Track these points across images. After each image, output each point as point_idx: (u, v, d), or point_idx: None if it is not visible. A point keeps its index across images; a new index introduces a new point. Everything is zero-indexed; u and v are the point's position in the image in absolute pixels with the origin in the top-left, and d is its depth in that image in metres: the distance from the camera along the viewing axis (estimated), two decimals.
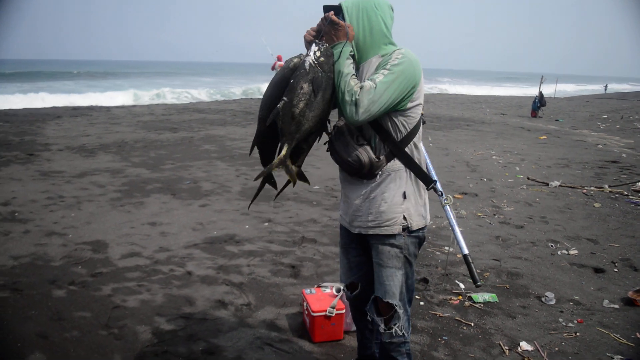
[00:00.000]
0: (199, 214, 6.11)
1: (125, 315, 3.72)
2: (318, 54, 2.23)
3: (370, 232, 2.42)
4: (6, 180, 7.46)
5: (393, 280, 2.41)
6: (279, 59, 21.66)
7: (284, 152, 2.30)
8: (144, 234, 5.41)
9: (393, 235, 2.38)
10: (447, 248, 5.17)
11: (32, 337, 3.39)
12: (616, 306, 4.05)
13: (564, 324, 3.75)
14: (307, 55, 2.24)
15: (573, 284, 4.46)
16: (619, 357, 3.29)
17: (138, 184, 7.42)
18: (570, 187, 7.97)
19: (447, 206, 2.59)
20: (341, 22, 2.28)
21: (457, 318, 3.79)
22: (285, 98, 2.21)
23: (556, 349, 3.40)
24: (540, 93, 20.18)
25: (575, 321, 3.78)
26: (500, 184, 8.06)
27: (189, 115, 16.08)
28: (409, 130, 2.34)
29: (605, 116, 20.66)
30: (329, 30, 2.28)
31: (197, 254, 4.88)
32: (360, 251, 2.63)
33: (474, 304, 3.99)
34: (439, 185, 2.55)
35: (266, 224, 5.81)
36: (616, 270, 4.80)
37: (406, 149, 2.37)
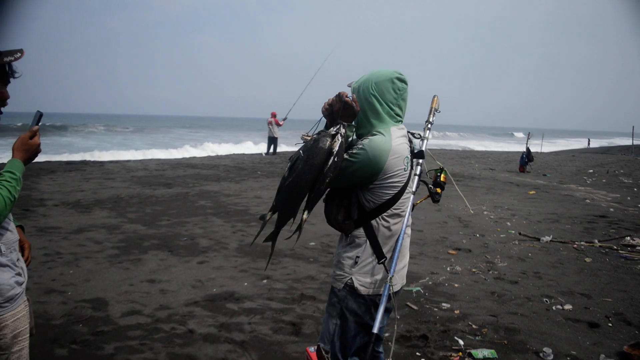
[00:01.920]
0: (198, 271, 6.16)
1: None
2: (343, 131, 2.45)
3: (330, 281, 2.71)
4: None
5: (327, 325, 2.64)
6: (273, 115, 22.25)
7: (306, 217, 2.45)
8: (143, 291, 5.44)
9: (339, 289, 2.62)
10: (444, 305, 5.25)
11: None
12: None
13: None
14: (341, 136, 2.42)
15: (569, 339, 4.54)
16: None
17: (135, 241, 7.47)
18: (561, 242, 8.12)
19: (388, 284, 2.56)
20: (350, 102, 2.49)
21: None
22: (331, 174, 2.39)
23: None
24: (528, 149, 20.61)
25: None
26: (493, 240, 8.20)
27: (183, 170, 16.24)
28: (377, 204, 2.53)
29: (591, 170, 21.07)
30: (342, 109, 2.49)
31: (198, 312, 4.91)
32: None
33: None
34: (391, 269, 2.59)
35: (265, 281, 5.87)
36: (610, 324, 4.89)
37: (373, 221, 2.55)
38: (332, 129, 2.44)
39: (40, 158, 2.29)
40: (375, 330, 2.53)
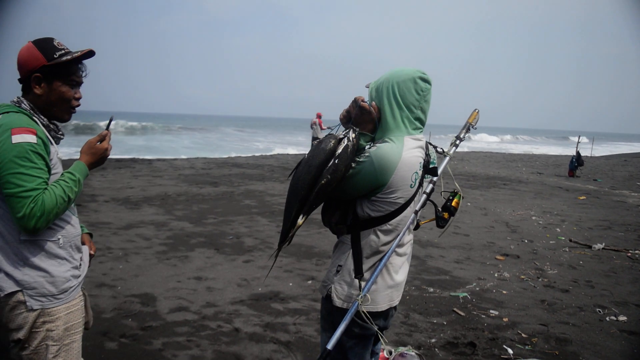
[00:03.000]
0: (243, 269, 6.22)
1: None
2: (355, 140, 2.31)
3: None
4: None
5: (321, 338, 2.48)
6: (318, 116, 22.37)
7: (301, 222, 2.35)
8: (190, 288, 5.53)
9: (324, 297, 2.45)
10: (492, 312, 5.14)
11: None
12: None
13: None
14: (348, 140, 2.29)
15: (624, 352, 4.37)
16: None
17: (182, 238, 7.60)
18: (614, 250, 7.84)
19: (357, 302, 2.34)
20: (367, 107, 2.35)
21: None
22: (329, 176, 2.26)
23: None
24: (578, 152, 20.03)
25: None
26: (542, 246, 7.99)
27: (228, 169, 16.45)
28: (373, 217, 2.33)
29: None
30: (358, 114, 2.37)
31: (243, 311, 4.96)
32: None
33: None
34: (363, 283, 2.37)
35: (309, 281, 5.87)
36: None
37: (363, 232, 2.35)
38: (341, 132, 2.34)
39: None
40: (329, 346, 2.29)
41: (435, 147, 2.56)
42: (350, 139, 2.28)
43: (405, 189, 2.30)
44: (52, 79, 2.20)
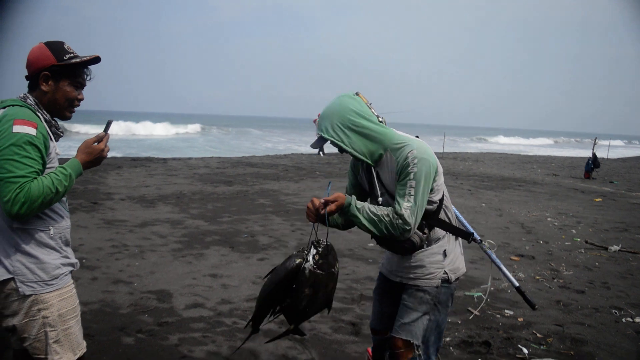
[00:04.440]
0: (258, 267, 6.26)
1: None
2: (317, 257, 2.39)
3: (411, 282, 2.64)
4: (74, 228, 7.70)
5: (417, 322, 2.59)
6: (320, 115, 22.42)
7: (291, 327, 2.60)
8: (205, 285, 5.57)
9: (430, 286, 2.60)
10: (507, 311, 5.13)
11: None
12: None
13: None
14: (307, 261, 2.38)
15: None
16: None
17: (197, 236, 7.66)
18: (631, 252, 7.77)
19: (489, 249, 2.84)
20: (325, 202, 2.44)
21: None
22: (288, 300, 2.44)
23: None
24: (594, 154, 19.85)
25: None
26: (557, 247, 7.94)
27: (243, 169, 16.53)
28: (437, 200, 2.55)
29: None
30: (324, 212, 2.44)
31: None
32: (393, 301, 2.78)
33: None
34: (476, 235, 2.78)
35: None
36: None
37: (440, 216, 2.60)
38: (305, 251, 2.43)
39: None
40: (517, 283, 2.95)
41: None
42: (311, 258, 2.37)
43: (439, 166, 2.57)
44: (60, 78, 2.34)
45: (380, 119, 2.58)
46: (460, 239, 2.74)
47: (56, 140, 2.38)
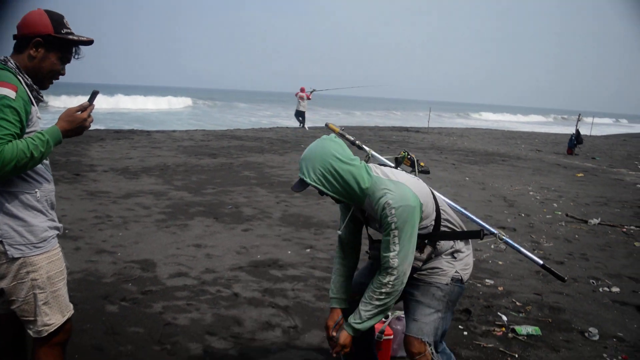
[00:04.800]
0: (242, 238, 6.28)
1: (177, 332, 3.86)
2: None
3: (422, 277, 2.66)
4: (56, 199, 7.74)
5: (430, 319, 2.59)
6: (302, 90, 22.54)
7: None
8: (189, 255, 5.58)
9: (443, 283, 2.62)
10: (487, 281, 5.22)
11: (88, 349, 3.55)
12: None
13: (608, 359, 3.76)
14: None
15: (616, 321, 4.46)
16: None
17: (181, 207, 7.64)
18: (610, 225, 7.91)
19: (505, 237, 2.87)
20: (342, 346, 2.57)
21: (501, 349, 3.83)
22: None
23: None
24: (577, 131, 20.00)
25: (620, 357, 3.80)
26: (539, 220, 8.05)
27: (227, 141, 16.43)
28: (430, 224, 2.57)
29: None
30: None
31: (242, 277, 5.02)
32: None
33: (518, 336, 4.02)
34: (488, 228, 2.90)
35: (308, 250, 5.94)
36: None
37: (441, 228, 2.61)
38: None
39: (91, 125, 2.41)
40: (541, 261, 3.08)
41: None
42: None
43: (424, 195, 2.54)
44: (51, 49, 2.32)
45: (358, 142, 2.81)
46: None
47: (37, 105, 2.35)
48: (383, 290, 2.45)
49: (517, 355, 3.74)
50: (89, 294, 4.46)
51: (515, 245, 2.95)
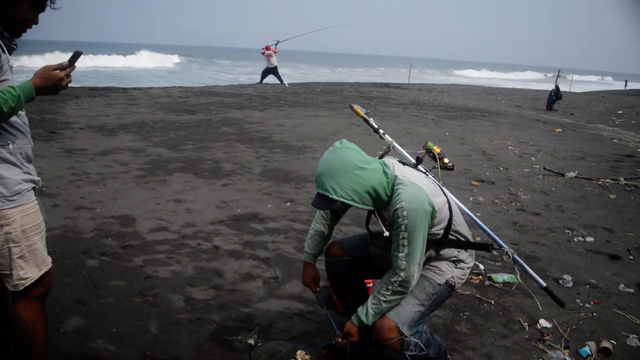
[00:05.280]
0: (222, 192, 6.26)
1: (158, 284, 3.87)
2: None
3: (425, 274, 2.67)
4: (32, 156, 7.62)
5: (411, 310, 2.56)
6: (267, 48, 22.19)
7: None
8: (169, 210, 5.56)
9: (435, 282, 2.63)
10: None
11: (69, 303, 3.54)
12: (631, 290, 4.16)
13: (581, 304, 3.87)
14: None
15: (589, 269, 4.57)
16: (635, 336, 3.40)
17: (160, 163, 7.57)
18: (586, 178, 8.04)
19: (514, 255, 2.93)
20: (345, 343, 2.61)
21: (477, 296, 3.92)
22: None
23: (574, 327, 3.52)
24: (557, 87, 20.09)
25: (592, 302, 3.90)
26: (517, 173, 8.15)
27: (206, 98, 16.21)
28: (440, 230, 2.56)
29: (621, 112, 20.56)
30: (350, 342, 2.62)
31: (223, 230, 5.03)
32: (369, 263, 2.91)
33: (494, 284, 4.11)
34: (499, 241, 3.01)
35: (288, 204, 5.95)
36: (631, 257, 4.90)
37: (449, 237, 2.60)
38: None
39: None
40: (544, 283, 3.13)
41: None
42: None
43: (438, 201, 2.50)
44: None
45: (382, 132, 2.98)
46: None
47: (10, 53, 2.25)
48: (390, 287, 2.47)
49: (493, 302, 3.83)
50: (69, 249, 4.43)
51: (523, 263, 3.00)
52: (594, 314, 3.72)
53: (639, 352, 3.25)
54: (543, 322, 3.54)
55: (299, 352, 2.82)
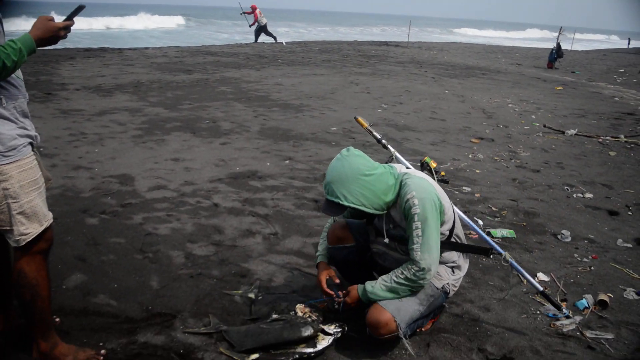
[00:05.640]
0: (220, 151, 6.23)
1: (158, 241, 3.88)
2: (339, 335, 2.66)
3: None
4: None
5: (411, 308, 2.58)
6: (253, 8, 21.71)
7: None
8: (168, 168, 5.54)
9: (433, 285, 2.67)
10: (465, 188, 5.29)
11: (71, 260, 3.55)
12: (629, 245, 4.18)
13: (579, 259, 3.89)
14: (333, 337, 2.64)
15: (588, 224, 4.59)
16: (632, 289, 3.43)
17: (158, 123, 7.52)
18: (586, 135, 8.01)
19: (511, 260, 2.91)
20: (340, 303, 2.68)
21: None
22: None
23: (571, 280, 3.55)
24: (558, 44, 19.83)
25: (590, 257, 3.92)
26: (517, 131, 8.11)
27: (203, 57, 16.00)
28: (447, 231, 2.65)
29: (622, 70, 20.37)
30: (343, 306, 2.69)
31: (222, 188, 5.02)
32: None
33: (493, 239, 4.12)
34: (497, 247, 3.00)
35: (287, 161, 5.93)
36: (630, 213, 4.91)
37: (452, 239, 2.70)
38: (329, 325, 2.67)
39: (58, 45, 2.26)
40: (541, 288, 3.07)
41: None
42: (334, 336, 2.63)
43: (445, 197, 2.64)
44: None
45: (384, 142, 3.09)
46: (468, 257, 2.88)
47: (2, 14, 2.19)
48: (404, 272, 2.52)
49: (492, 256, 3.85)
50: (68, 208, 4.43)
51: (520, 268, 2.99)
52: (592, 268, 3.74)
53: (635, 305, 3.28)
54: (541, 276, 3.57)
55: (298, 305, 2.83)
